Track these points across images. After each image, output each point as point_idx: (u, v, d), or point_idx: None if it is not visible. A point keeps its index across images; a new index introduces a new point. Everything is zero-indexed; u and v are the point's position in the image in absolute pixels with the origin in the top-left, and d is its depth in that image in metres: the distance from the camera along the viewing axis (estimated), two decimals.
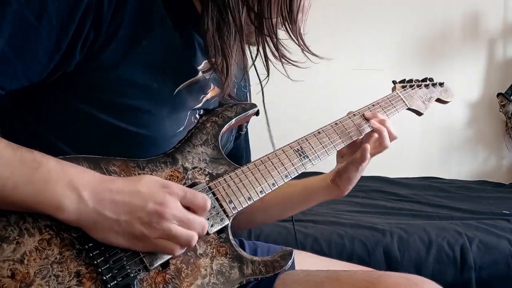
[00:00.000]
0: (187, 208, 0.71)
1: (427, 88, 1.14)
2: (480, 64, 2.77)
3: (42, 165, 0.65)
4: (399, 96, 1.07)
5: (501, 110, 2.67)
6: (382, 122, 0.97)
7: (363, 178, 2.58)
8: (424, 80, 1.15)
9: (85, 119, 0.73)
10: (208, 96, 0.86)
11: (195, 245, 0.72)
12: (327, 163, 0.98)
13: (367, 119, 0.97)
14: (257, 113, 0.92)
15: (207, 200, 0.72)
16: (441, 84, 1.18)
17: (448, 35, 2.72)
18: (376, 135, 0.98)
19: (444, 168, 2.74)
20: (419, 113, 1.11)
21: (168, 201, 0.68)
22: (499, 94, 2.68)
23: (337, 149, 0.94)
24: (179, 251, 0.70)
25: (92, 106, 0.73)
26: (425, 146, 2.74)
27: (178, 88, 0.78)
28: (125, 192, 0.67)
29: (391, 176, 2.48)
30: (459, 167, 2.79)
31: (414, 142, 2.70)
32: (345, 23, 2.54)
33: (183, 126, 0.82)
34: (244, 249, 0.99)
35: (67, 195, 0.65)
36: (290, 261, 0.80)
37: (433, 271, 1.47)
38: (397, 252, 1.47)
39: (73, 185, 0.65)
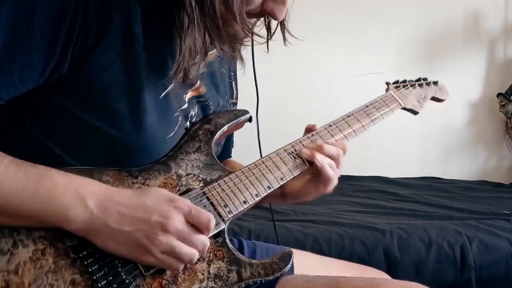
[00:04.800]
0: (191, 225, 0.71)
1: (421, 87, 1.14)
2: (480, 64, 2.77)
3: (46, 178, 0.66)
4: (393, 96, 1.07)
5: (501, 110, 2.67)
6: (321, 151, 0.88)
7: (363, 178, 2.59)
8: (418, 80, 1.15)
9: (79, 125, 0.73)
10: (189, 94, 0.85)
11: None
12: None
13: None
14: (250, 120, 0.91)
15: (211, 219, 0.71)
16: (435, 83, 1.18)
17: (448, 35, 2.72)
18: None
19: (444, 168, 2.74)
20: (414, 112, 1.11)
21: (172, 215, 0.68)
22: (499, 94, 2.67)
23: None
24: (181, 268, 0.70)
25: (86, 113, 0.72)
26: (425, 146, 2.74)
27: (166, 91, 0.77)
28: (131, 204, 0.68)
29: (391, 176, 2.48)
30: (459, 167, 2.79)
31: (414, 142, 2.71)
32: (345, 23, 2.54)
33: (173, 132, 0.81)
34: (242, 250, 0.99)
35: (74, 205, 0.65)
36: (290, 263, 0.79)
37: (433, 271, 1.47)
38: (397, 252, 1.47)
39: (78, 195, 0.66)
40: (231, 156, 1.07)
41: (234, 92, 1.01)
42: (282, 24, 0.87)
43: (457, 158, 2.81)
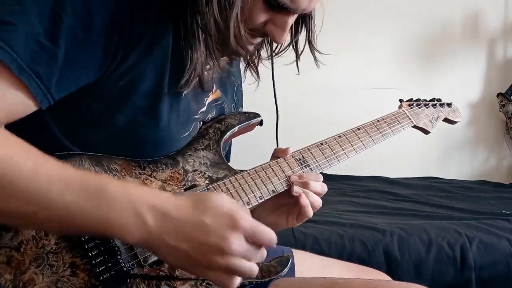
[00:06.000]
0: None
1: (434, 107, 1.14)
2: (480, 64, 2.77)
3: (106, 190, 0.63)
4: (405, 113, 1.07)
5: (501, 110, 2.67)
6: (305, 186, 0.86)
7: (363, 178, 2.59)
8: (432, 100, 1.16)
9: (96, 117, 0.75)
10: (210, 98, 0.87)
11: None
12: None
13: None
14: (260, 123, 0.92)
15: (273, 236, 0.67)
16: (449, 105, 1.18)
17: (448, 35, 2.72)
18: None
19: (444, 168, 2.74)
20: (426, 132, 1.11)
21: (231, 237, 0.64)
22: (499, 94, 2.67)
23: (340, 161, 0.93)
24: (237, 284, 0.66)
25: (104, 105, 0.74)
26: (425, 146, 2.74)
27: (186, 91, 0.79)
28: (190, 222, 0.64)
29: (391, 176, 2.48)
30: (459, 167, 2.79)
31: (414, 142, 2.70)
32: (344, 22, 2.54)
33: (189, 132, 0.83)
34: None
35: (132, 222, 0.63)
36: (287, 268, 0.78)
37: (433, 271, 1.47)
38: (397, 252, 1.47)
39: (137, 211, 0.63)
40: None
41: (243, 101, 1.02)
42: (310, 44, 0.89)
43: (457, 158, 2.81)
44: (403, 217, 1.77)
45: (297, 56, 0.90)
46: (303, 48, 0.90)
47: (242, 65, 0.96)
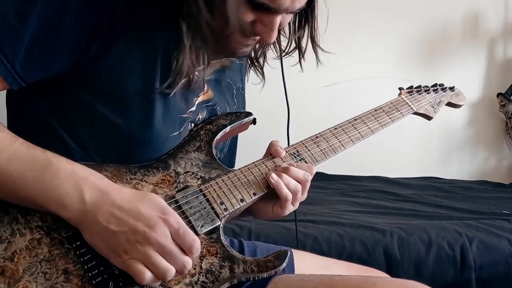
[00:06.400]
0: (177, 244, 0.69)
1: (436, 92, 1.13)
2: (480, 64, 2.77)
3: (52, 164, 0.68)
4: (405, 100, 1.06)
5: (501, 110, 2.67)
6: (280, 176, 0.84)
7: (363, 178, 2.58)
8: (434, 85, 1.14)
9: (90, 114, 0.76)
10: (200, 99, 0.86)
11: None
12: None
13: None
14: (253, 122, 0.92)
15: (196, 243, 0.70)
16: (451, 89, 1.16)
17: (448, 35, 2.72)
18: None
19: (444, 168, 2.74)
20: (428, 117, 1.09)
21: (158, 227, 0.67)
22: (499, 94, 2.67)
23: (337, 153, 0.93)
24: (150, 281, 0.67)
25: (97, 101, 0.75)
26: (425, 146, 2.74)
27: (175, 90, 0.79)
28: (124, 207, 0.68)
29: (391, 176, 2.48)
30: (459, 167, 2.79)
31: (414, 142, 2.71)
32: (344, 23, 2.54)
33: (178, 132, 0.83)
34: (243, 250, 0.99)
35: (71, 195, 0.67)
36: (285, 262, 0.77)
37: (433, 271, 1.47)
38: (397, 252, 1.47)
39: (78, 186, 0.68)
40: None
41: (245, 102, 1.02)
42: (313, 42, 0.89)
43: (457, 158, 2.80)
44: (403, 217, 1.77)
45: (301, 55, 0.90)
46: (306, 47, 0.90)
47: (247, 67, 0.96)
